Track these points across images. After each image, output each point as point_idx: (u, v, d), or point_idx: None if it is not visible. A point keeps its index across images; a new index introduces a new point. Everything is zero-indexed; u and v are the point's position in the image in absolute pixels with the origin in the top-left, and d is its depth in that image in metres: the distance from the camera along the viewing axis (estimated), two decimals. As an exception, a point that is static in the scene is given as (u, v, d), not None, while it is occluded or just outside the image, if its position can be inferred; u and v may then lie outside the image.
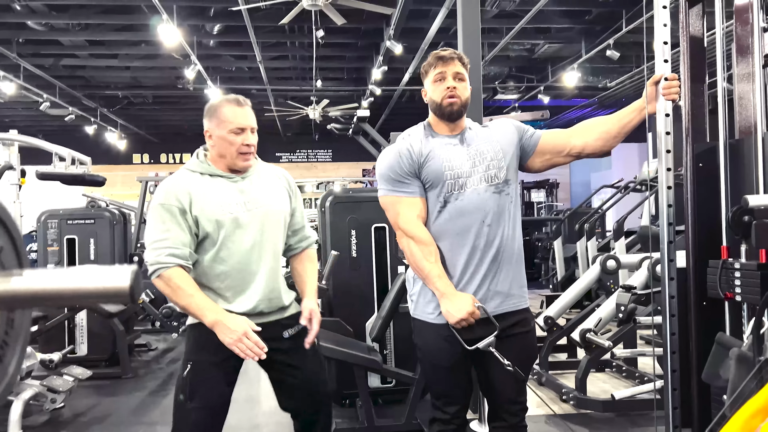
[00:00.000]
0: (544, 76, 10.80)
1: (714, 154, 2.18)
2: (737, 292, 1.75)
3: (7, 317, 0.46)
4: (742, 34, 2.32)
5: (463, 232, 1.97)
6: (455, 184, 1.97)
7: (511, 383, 2.01)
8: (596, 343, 3.75)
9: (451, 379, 2.03)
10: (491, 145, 2.04)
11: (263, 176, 2.15)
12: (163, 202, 1.97)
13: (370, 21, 8.29)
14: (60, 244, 5.35)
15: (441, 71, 2.02)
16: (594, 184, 14.97)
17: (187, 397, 1.99)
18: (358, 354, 3.29)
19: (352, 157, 15.54)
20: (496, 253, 1.98)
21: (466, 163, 1.99)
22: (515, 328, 2.02)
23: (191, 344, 2.04)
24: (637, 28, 7.57)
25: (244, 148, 2.01)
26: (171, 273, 1.90)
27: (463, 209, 1.96)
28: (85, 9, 7.76)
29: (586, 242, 7.59)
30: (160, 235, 1.94)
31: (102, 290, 0.42)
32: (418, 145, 2.01)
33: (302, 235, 2.24)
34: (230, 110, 2.02)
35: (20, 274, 0.42)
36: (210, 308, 1.92)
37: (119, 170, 15.18)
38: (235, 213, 2.00)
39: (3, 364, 0.45)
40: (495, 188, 1.99)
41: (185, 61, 8.96)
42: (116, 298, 0.43)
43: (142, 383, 4.85)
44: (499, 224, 1.98)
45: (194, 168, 2.06)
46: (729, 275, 1.80)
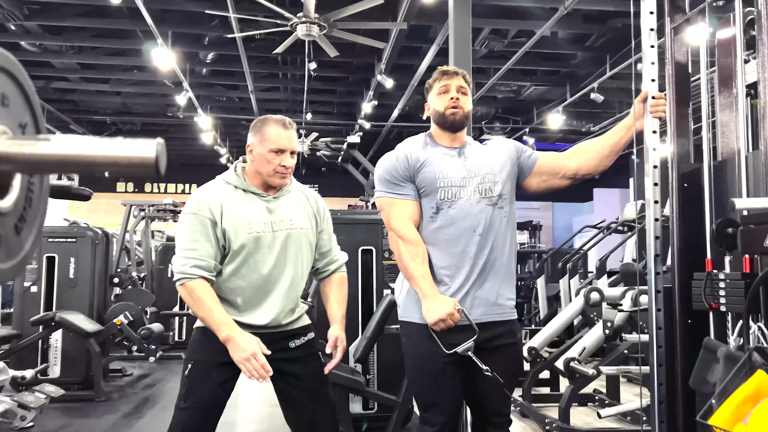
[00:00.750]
0: (529, 117, 11.05)
1: (698, 176, 2.24)
2: (722, 302, 1.78)
3: (26, 192, 0.46)
4: (724, 65, 2.42)
5: (453, 240, 2.00)
6: (448, 192, 2.01)
7: (496, 394, 2.00)
8: (580, 372, 3.73)
9: (439, 386, 2.00)
10: (488, 160, 2.10)
11: (294, 198, 2.18)
12: (196, 211, 2.01)
13: (362, 56, 8.47)
14: (39, 262, 5.25)
15: (445, 84, 2.10)
16: (576, 228, 15.15)
17: (182, 396, 2.02)
18: (340, 374, 3.24)
19: (339, 193, 15.60)
20: (485, 263, 2.00)
21: (460, 175, 2.04)
22: (501, 339, 2.02)
23: (196, 344, 2.07)
24: (620, 74, 7.82)
25: (280, 169, 2.06)
26: (194, 284, 1.95)
27: (455, 218, 2.00)
28: (80, 32, 7.84)
29: (569, 281, 7.64)
30: (188, 244, 1.99)
31: (128, 159, 0.43)
32: (416, 151, 2.07)
33: (330, 258, 2.26)
34: (275, 130, 2.06)
35: (47, 139, 0.43)
36: (226, 324, 1.96)
37: (103, 197, 15.05)
38: (260, 232, 2.04)
39: (20, 238, 0.45)
40: (488, 201, 2.03)
41: (177, 89, 9.03)
42: (141, 168, 0.43)
43: (115, 406, 4.72)
44: (490, 236, 2.01)
45: (230, 180, 2.10)
46: (714, 286, 1.82)
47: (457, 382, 2.02)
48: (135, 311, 5.41)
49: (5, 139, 0.43)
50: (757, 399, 1.09)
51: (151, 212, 7.87)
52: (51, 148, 0.43)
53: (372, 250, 3.98)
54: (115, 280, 5.90)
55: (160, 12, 7.16)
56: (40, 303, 5.13)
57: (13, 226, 0.44)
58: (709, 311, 1.90)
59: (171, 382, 5.60)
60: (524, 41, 7.39)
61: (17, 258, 0.44)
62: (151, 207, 7.90)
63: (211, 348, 2.00)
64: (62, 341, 5.10)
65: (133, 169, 0.43)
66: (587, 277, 8.34)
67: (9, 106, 0.43)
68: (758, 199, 1.61)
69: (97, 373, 4.93)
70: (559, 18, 6.32)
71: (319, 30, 5.94)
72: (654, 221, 2.05)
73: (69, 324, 4.81)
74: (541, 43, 7.42)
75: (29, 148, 0.43)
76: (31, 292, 5.17)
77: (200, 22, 7.49)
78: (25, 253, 0.45)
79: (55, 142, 0.43)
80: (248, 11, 6.47)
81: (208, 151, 13.08)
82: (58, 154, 0.43)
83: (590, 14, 7.25)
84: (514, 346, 2.08)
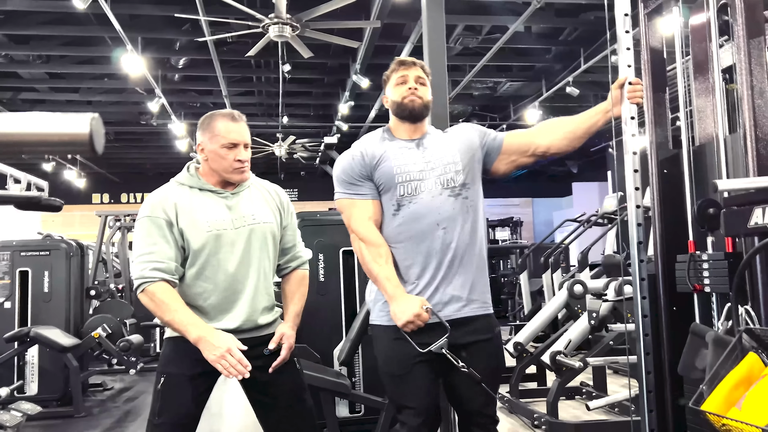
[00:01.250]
0: (506, 114, 11.08)
1: (678, 161, 2.23)
2: (706, 283, 1.76)
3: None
4: (698, 51, 2.41)
5: (417, 237, 1.93)
6: (408, 187, 1.95)
7: (476, 393, 1.93)
8: (567, 365, 3.72)
9: (410, 388, 1.93)
10: (448, 149, 2.03)
11: (254, 192, 2.11)
12: (150, 214, 1.93)
13: (336, 56, 8.41)
14: (12, 276, 5.11)
15: (403, 75, 2.03)
16: (556, 223, 15.26)
17: (155, 412, 1.94)
18: (325, 378, 3.19)
19: (318, 197, 15.51)
20: (452, 257, 1.93)
21: (419, 166, 1.97)
22: (477, 334, 1.95)
23: (167, 356, 1.99)
24: (594, 67, 7.86)
25: (236, 164, 1.99)
26: (155, 288, 1.87)
27: (417, 213, 1.93)
28: (48, 40, 7.67)
29: (552, 275, 7.67)
30: (145, 248, 1.91)
31: (59, 136, 0.38)
32: (372, 148, 2.01)
33: (293, 254, 2.19)
34: (224, 125, 1.98)
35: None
36: (194, 323, 1.88)
37: (77, 210, 14.79)
38: (221, 230, 1.96)
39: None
40: (451, 191, 1.96)
41: (149, 96, 8.89)
42: (75, 146, 0.38)
43: (96, 421, 4.60)
44: (455, 228, 1.95)
45: (183, 181, 2.02)
46: (697, 267, 1.81)
47: (430, 383, 1.94)
48: (113, 323, 5.29)
49: None
50: (749, 382, 1.06)
51: (127, 222, 7.73)
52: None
53: (353, 251, 3.93)
54: (92, 292, 5.77)
55: (128, 17, 7.03)
56: (14, 319, 5.00)
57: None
58: (693, 293, 1.88)
59: (153, 394, 5.49)
60: (498, 37, 7.40)
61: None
62: (126, 217, 7.76)
63: (184, 360, 1.93)
64: (39, 357, 4.98)
65: (65, 148, 0.38)
66: (569, 271, 8.37)
67: None
68: (740, 180, 1.60)
69: (76, 389, 4.81)
70: (532, 13, 6.33)
71: (291, 31, 5.87)
72: (636, 208, 2.02)
73: (45, 339, 4.69)
74: (515, 38, 7.43)
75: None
76: (5, 308, 5.04)
77: (170, 27, 7.37)
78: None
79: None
80: (219, 14, 6.38)
81: (184, 158, 12.87)
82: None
83: (562, 8, 7.28)
84: (491, 341, 2.00)
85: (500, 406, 4.54)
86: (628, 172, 2.07)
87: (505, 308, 10.62)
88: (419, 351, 1.84)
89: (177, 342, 1.95)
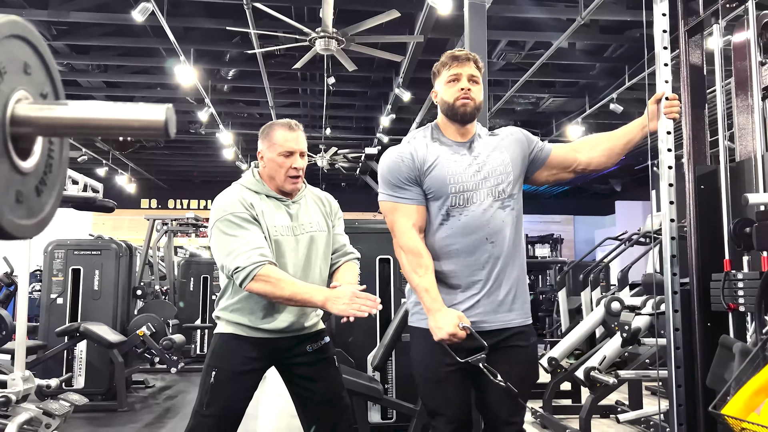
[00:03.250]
0: (548, 129, 11.02)
1: (715, 177, 2.23)
2: (740, 302, 1.76)
3: (47, 158, 0.50)
4: (740, 69, 2.41)
5: (464, 250, 1.90)
6: (460, 197, 1.89)
7: (505, 403, 1.90)
8: (601, 381, 3.69)
9: (444, 394, 1.92)
10: (501, 157, 1.96)
11: (309, 201, 2.20)
12: (233, 211, 1.97)
13: (380, 70, 8.55)
14: (65, 274, 5.36)
15: (456, 73, 1.93)
16: (597, 241, 15.01)
17: (204, 403, 2.02)
18: (358, 381, 3.25)
19: (359, 207, 15.64)
20: (499, 270, 1.91)
21: (473, 176, 1.90)
22: (513, 340, 1.93)
23: (218, 351, 2.06)
24: (638, 84, 7.78)
25: (292, 171, 2.05)
26: (267, 270, 1.90)
27: (467, 225, 1.89)
28: (106, 51, 8.06)
29: (591, 293, 7.55)
30: (240, 240, 1.93)
31: (140, 122, 0.46)
32: (423, 150, 1.93)
33: (342, 252, 2.24)
34: (281, 134, 2.07)
35: (65, 104, 0.47)
36: (316, 288, 1.95)
37: (127, 214, 15.32)
38: (283, 236, 2.05)
39: (40, 200, 0.49)
40: (501, 203, 1.92)
41: (199, 105, 9.21)
42: (152, 131, 0.46)
43: (138, 416, 4.77)
44: (502, 240, 1.91)
45: (250, 186, 2.09)
46: (732, 286, 1.81)
47: (464, 390, 1.94)
48: (157, 323, 5.48)
49: (27, 104, 0.46)
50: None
51: (173, 226, 8.00)
52: (69, 112, 0.46)
53: (389, 259, 4.00)
54: (138, 292, 5.99)
55: (182, 30, 7.33)
56: (65, 314, 5.23)
57: (34, 187, 0.47)
58: (728, 312, 1.88)
59: (192, 393, 5.64)
60: (541, 53, 7.40)
61: (37, 218, 0.47)
62: (173, 221, 8.03)
63: (234, 356, 2.02)
64: (86, 352, 5.19)
65: (145, 132, 0.46)
66: (609, 290, 8.23)
67: (31, 74, 0.47)
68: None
69: (120, 384, 4.99)
70: (576, 29, 6.33)
71: (337, 44, 6.03)
72: (670, 222, 2.04)
73: (93, 334, 4.89)
74: (558, 54, 7.43)
75: (48, 112, 0.47)
76: (57, 303, 5.28)
77: (222, 39, 7.65)
78: (45, 215, 0.48)
79: (72, 106, 0.46)
80: (268, 27, 6.59)
81: (230, 166, 13.26)
82: (76, 117, 0.46)
83: (607, 25, 7.25)
84: (527, 349, 1.97)
85: (533, 420, 4.51)
86: (663, 186, 2.09)
87: (542, 325, 10.49)
88: (458, 360, 1.81)
89: (228, 338, 2.03)
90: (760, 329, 1.37)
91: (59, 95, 0.52)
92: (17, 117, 0.45)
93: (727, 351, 1.53)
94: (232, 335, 2.03)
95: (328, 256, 2.18)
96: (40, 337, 5.21)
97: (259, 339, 2.04)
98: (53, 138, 0.50)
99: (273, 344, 2.07)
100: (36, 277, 8.98)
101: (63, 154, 0.52)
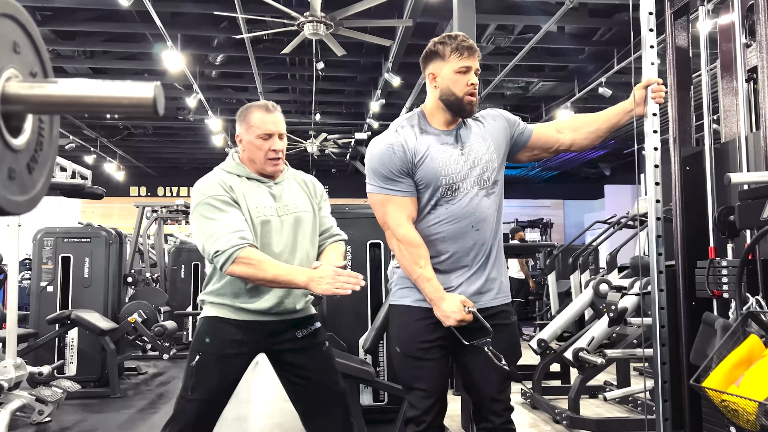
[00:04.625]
0: (538, 114, 11.04)
1: (700, 158, 2.26)
2: (724, 289, 1.79)
3: (37, 135, 0.50)
4: (725, 51, 2.44)
5: (451, 237, 1.92)
6: (449, 188, 1.91)
7: (492, 380, 1.93)
8: (589, 362, 3.74)
9: (424, 369, 1.92)
10: (485, 145, 1.98)
11: (293, 182, 2.18)
12: (212, 194, 1.96)
13: (369, 55, 8.52)
14: (54, 262, 5.34)
15: (467, 65, 1.90)
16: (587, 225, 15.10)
17: (188, 387, 1.99)
18: (350, 364, 3.28)
19: (349, 194, 15.64)
20: (483, 255, 1.95)
21: (461, 167, 1.92)
22: (496, 319, 1.94)
23: (202, 335, 2.04)
24: (627, 68, 7.80)
25: (271, 154, 2.04)
26: (248, 252, 1.88)
27: (454, 214, 1.91)
28: (92, 36, 7.96)
29: (580, 276, 7.62)
30: (220, 223, 1.91)
31: (129, 99, 0.47)
32: (413, 141, 1.91)
33: (328, 233, 2.23)
34: (259, 116, 2.05)
35: (55, 82, 0.47)
36: (299, 270, 1.93)
37: (116, 202, 15.23)
38: (268, 216, 2.03)
39: (32, 177, 0.49)
40: (486, 191, 1.95)
41: (187, 92, 9.14)
42: (141, 108, 0.47)
43: (131, 402, 4.79)
44: (487, 227, 1.95)
45: (230, 170, 2.07)
46: (716, 273, 1.84)
47: (441, 367, 1.94)
48: (149, 309, 5.48)
49: (17, 82, 0.47)
50: (749, 362, 1.11)
51: (163, 213, 7.98)
52: (58, 90, 0.47)
53: (380, 244, 4.03)
54: (129, 279, 5.99)
55: (169, 15, 7.26)
56: (56, 302, 5.22)
57: (26, 165, 0.48)
58: (712, 299, 1.91)
59: (185, 379, 5.67)
60: (530, 37, 7.40)
61: (29, 194, 0.48)
62: (163, 208, 8.00)
63: (220, 339, 1.99)
64: (78, 339, 5.19)
65: (134, 110, 0.47)
66: (598, 273, 8.31)
67: (20, 53, 0.48)
68: (753, 174, 1.63)
69: (113, 370, 5.00)
70: (565, 12, 6.32)
71: (325, 29, 6.00)
72: (655, 203, 2.07)
73: (84, 321, 4.89)
74: (547, 38, 7.43)
75: (39, 90, 0.47)
76: (47, 291, 5.27)
77: (209, 24, 7.58)
78: (37, 192, 0.49)
79: (62, 84, 0.47)
80: (256, 12, 6.54)
81: (219, 153, 13.19)
82: (65, 95, 0.47)
83: (596, 8, 7.25)
84: (509, 327, 2.00)
85: (522, 401, 4.58)
86: (649, 167, 2.11)
87: (532, 309, 10.59)
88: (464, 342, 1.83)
89: (213, 321, 2.01)
90: (741, 306, 1.40)
91: (48, 74, 0.53)
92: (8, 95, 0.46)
93: (709, 327, 1.57)
94: (217, 318, 2.00)
95: (315, 238, 2.16)
96: (30, 325, 5.20)
97: (243, 322, 2.01)
98: (43, 116, 0.51)
99: (259, 327, 2.03)
100: (25, 265, 8.94)
101: (53, 132, 0.53)
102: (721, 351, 1.18)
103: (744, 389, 1.05)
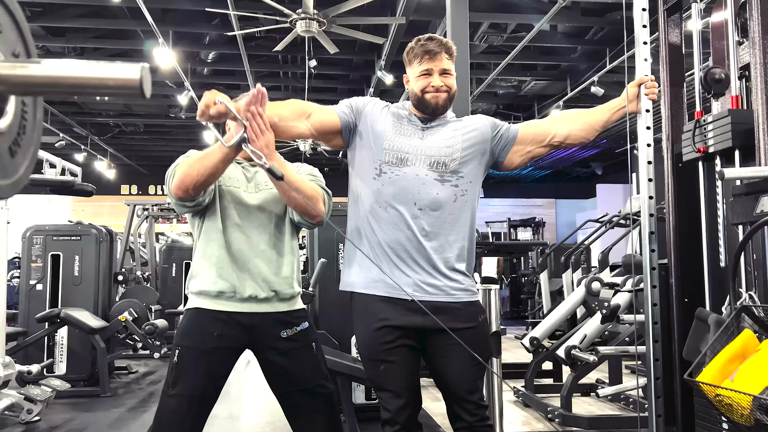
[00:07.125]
0: (530, 113, 11.05)
1: (693, 155, 2.26)
2: (710, 144, 1.78)
3: (20, 118, 0.49)
4: (718, 48, 2.44)
5: (393, 216, 1.87)
6: (393, 155, 1.89)
7: (461, 378, 1.87)
8: (581, 359, 3.75)
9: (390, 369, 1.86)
10: (452, 134, 1.94)
11: None
12: (188, 153, 1.98)
13: (361, 53, 8.50)
14: (44, 260, 5.29)
15: (427, 69, 1.91)
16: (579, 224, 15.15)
17: (169, 383, 1.95)
18: (343, 362, 3.27)
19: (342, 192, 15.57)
20: (433, 242, 1.86)
21: (414, 147, 1.90)
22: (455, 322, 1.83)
23: (183, 329, 2.00)
24: (619, 67, 7.82)
25: None
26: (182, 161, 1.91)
27: (397, 183, 1.87)
28: (82, 33, 7.89)
29: (572, 274, 7.65)
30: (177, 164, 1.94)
31: (114, 80, 0.45)
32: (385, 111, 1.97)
33: None
34: None
35: (38, 62, 0.46)
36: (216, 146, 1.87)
37: (107, 200, 15.13)
38: (235, 189, 2.02)
39: (14, 161, 0.48)
40: (438, 175, 1.88)
41: (178, 89, 9.08)
42: (127, 90, 0.46)
43: (121, 401, 4.75)
44: (437, 214, 1.87)
45: None
46: (703, 132, 1.84)
47: (410, 365, 1.88)
48: (139, 308, 5.44)
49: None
50: (743, 357, 1.11)
51: (154, 212, 7.93)
52: (42, 70, 0.45)
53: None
54: (119, 277, 5.94)
55: (160, 11, 7.20)
56: (45, 301, 5.17)
57: (7, 148, 0.47)
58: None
59: (176, 377, 5.63)
60: (523, 35, 7.41)
61: (12, 179, 0.46)
62: (154, 206, 7.95)
63: (201, 332, 1.95)
64: (68, 338, 5.14)
65: (120, 91, 0.46)
66: (590, 271, 8.34)
67: (2, 33, 0.46)
68: (747, 168, 1.63)
69: (103, 369, 4.96)
70: (558, 11, 6.33)
71: (318, 26, 5.97)
72: (648, 199, 2.07)
73: (74, 320, 4.85)
74: (540, 37, 7.44)
75: (21, 70, 0.46)
76: (37, 290, 5.22)
77: (201, 21, 7.53)
78: (20, 176, 0.48)
79: (45, 64, 0.46)
80: (248, 9, 6.51)
81: (211, 151, 13.13)
82: (49, 75, 0.45)
83: (589, 7, 7.26)
84: (474, 329, 1.90)
85: (515, 399, 4.58)
86: (642, 164, 2.11)
87: (524, 307, 10.61)
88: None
89: (194, 315, 1.97)
90: (734, 301, 1.40)
91: (31, 54, 0.51)
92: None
93: (702, 323, 1.57)
94: (197, 310, 1.96)
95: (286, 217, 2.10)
96: (20, 323, 5.15)
97: (223, 313, 1.97)
98: (26, 99, 0.49)
99: (239, 320, 1.98)
100: (14, 264, 8.85)
101: (37, 115, 0.51)
102: (715, 346, 1.18)
103: (738, 383, 1.05)
